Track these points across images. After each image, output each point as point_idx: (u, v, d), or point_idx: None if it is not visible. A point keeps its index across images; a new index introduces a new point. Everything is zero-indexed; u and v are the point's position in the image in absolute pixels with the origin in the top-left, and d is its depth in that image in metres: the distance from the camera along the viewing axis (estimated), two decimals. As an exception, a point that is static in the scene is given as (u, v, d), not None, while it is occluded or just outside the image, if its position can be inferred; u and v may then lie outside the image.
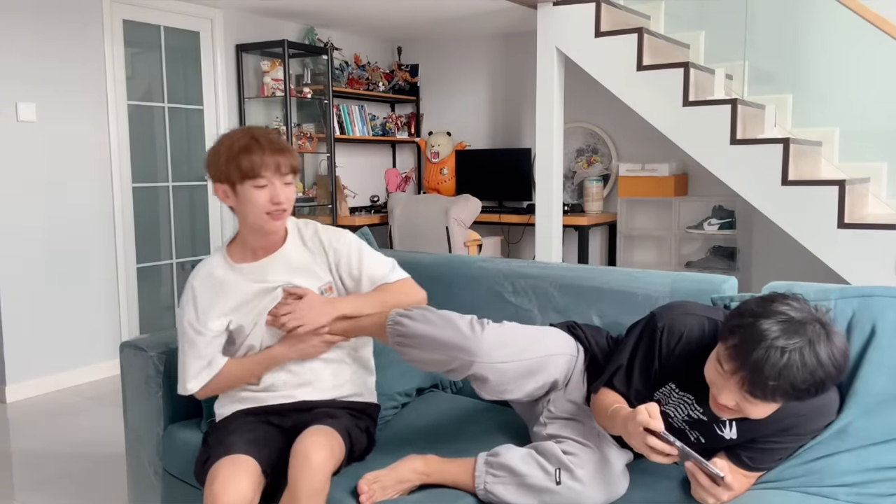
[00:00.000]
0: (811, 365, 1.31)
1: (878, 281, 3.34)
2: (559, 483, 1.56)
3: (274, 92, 4.95)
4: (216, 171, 1.79)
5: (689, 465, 1.44)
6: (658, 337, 1.62)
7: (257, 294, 1.85)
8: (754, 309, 1.38)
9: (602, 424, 1.65)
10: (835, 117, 4.30)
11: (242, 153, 1.74)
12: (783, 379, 1.31)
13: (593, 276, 2.12)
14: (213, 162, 1.79)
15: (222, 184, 1.79)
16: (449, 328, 1.64)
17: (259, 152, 1.74)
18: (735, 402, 1.42)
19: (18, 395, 3.89)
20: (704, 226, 4.78)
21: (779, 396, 1.36)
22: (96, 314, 4.25)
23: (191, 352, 1.85)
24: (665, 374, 1.62)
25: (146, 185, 4.53)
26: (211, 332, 1.84)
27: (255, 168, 1.74)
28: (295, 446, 1.67)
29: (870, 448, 1.57)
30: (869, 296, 1.67)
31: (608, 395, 1.66)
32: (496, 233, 5.72)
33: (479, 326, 1.65)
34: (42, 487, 2.83)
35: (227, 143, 1.77)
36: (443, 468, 1.71)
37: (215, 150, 1.79)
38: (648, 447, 1.42)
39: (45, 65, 3.93)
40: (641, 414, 1.44)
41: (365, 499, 1.65)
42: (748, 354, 1.33)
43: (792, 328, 1.32)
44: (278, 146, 1.77)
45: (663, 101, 3.91)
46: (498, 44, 5.77)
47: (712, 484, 1.42)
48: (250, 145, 1.74)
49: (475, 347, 1.60)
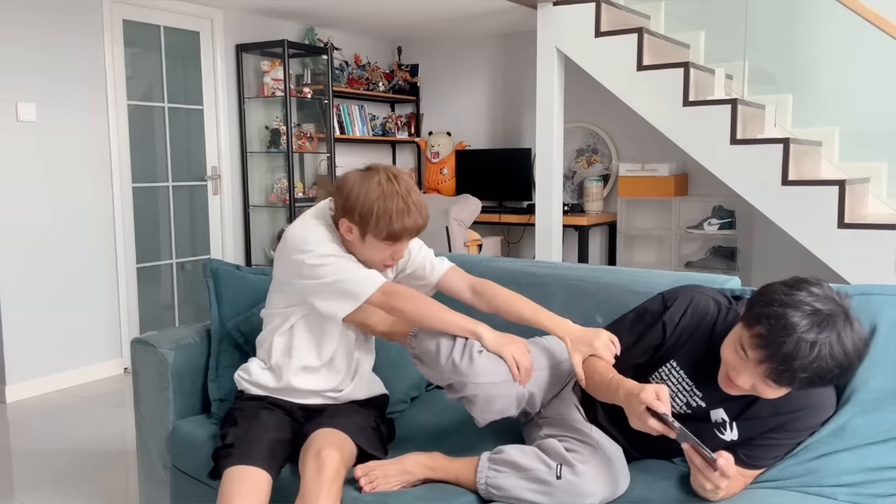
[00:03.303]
0: (839, 356, 1.35)
1: (877, 280, 3.34)
2: (559, 477, 1.57)
3: (274, 92, 4.95)
4: (356, 215, 1.71)
5: (686, 446, 1.45)
6: (663, 309, 1.65)
7: None
8: (781, 298, 1.38)
9: (594, 390, 1.66)
10: (835, 117, 4.30)
11: (397, 217, 1.69)
12: (812, 370, 1.35)
13: (596, 276, 2.13)
14: (355, 205, 1.70)
15: (354, 224, 1.73)
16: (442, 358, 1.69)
17: (411, 221, 1.71)
18: (752, 385, 1.45)
19: (18, 395, 3.89)
20: (704, 226, 4.78)
21: (804, 385, 1.39)
22: (96, 314, 4.25)
23: (348, 266, 1.73)
24: (667, 349, 1.64)
25: (146, 185, 4.53)
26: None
27: (401, 235, 1.72)
28: (307, 452, 1.69)
29: (869, 447, 1.57)
30: (868, 294, 1.68)
31: (602, 363, 1.66)
32: (496, 233, 5.72)
33: (468, 358, 1.67)
34: (42, 487, 2.83)
35: (380, 195, 1.69)
36: (447, 465, 1.72)
37: (362, 195, 1.70)
38: (647, 426, 1.44)
39: (45, 64, 3.93)
40: (648, 393, 1.44)
41: (364, 482, 1.67)
42: (778, 346, 1.35)
43: (820, 320, 1.35)
44: (426, 215, 1.73)
45: (663, 101, 3.91)
46: (498, 44, 5.77)
47: (707, 466, 1.43)
48: (406, 211, 1.70)
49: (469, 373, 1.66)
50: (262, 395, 1.92)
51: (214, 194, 4.92)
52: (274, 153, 5.12)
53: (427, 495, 1.66)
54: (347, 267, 1.73)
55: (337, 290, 1.72)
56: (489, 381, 1.65)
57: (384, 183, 1.70)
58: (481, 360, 1.66)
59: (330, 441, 1.70)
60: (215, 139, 4.88)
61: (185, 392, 2.15)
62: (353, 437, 1.77)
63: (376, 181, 1.70)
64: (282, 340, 1.88)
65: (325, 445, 1.68)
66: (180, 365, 2.13)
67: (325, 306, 1.74)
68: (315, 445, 1.69)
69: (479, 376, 1.65)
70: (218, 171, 4.90)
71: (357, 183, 1.72)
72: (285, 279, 1.81)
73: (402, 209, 1.69)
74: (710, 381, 1.58)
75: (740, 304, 1.65)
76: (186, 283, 4.83)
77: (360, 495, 1.67)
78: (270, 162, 5.23)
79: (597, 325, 2.06)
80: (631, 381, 1.53)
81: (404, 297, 1.71)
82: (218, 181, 4.91)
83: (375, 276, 1.74)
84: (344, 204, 1.73)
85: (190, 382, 2.16)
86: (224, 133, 4.88)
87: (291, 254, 1.75)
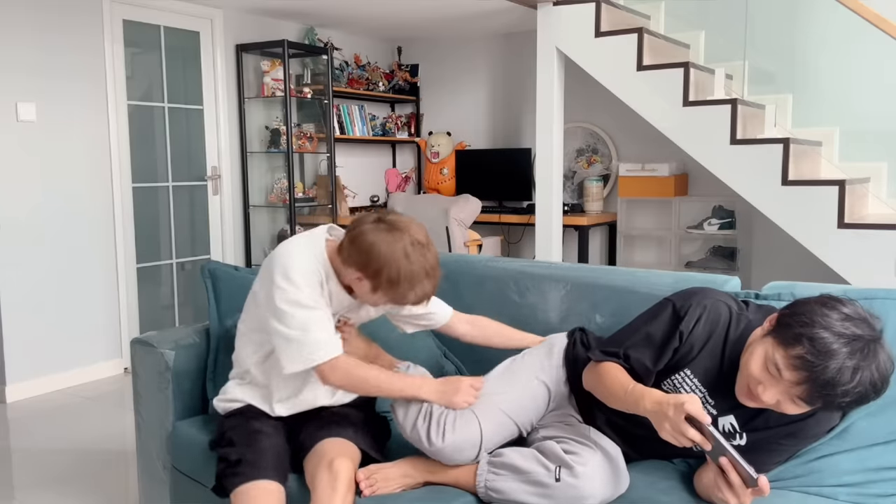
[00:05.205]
0: (877, 382, 1.37)
1: (878, 281, 3.34)
2: (558, 480, 1.57)
3: (274, 92, 4.95)
4: (370, 273, 1.66)
5: (724, 461, 1.41)
6: (677, 319, 1.61)
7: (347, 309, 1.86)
8: (819, 319, 1.38)
9: (607, 396, 1.61)
10: (835, 117, 4.30)
11: (418, 289, 1.67)
12: (853, 395, 1.36)
13: (596, 276, 2.13)
14: (377, 268, 1.65)
15: (368, 280, 1.68)
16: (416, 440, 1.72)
17: (427, 290, 1.68)
18: (777, 402, 1.43)
19: (18, 395, 3.89)
20: (704, 226, 4.78)
21: (841, 408, 1.40)
22: (96, 314, 4.25)
23: (313, 324, 1.70)
24: (681, 358, 1.61)
25: (146, 185, 4.53)
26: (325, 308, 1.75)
27: (413, 301, 1.69)
28: (319, 463, 1.68)
29: (871, 448, 1.57)
30: (872, 298, 1.67)
31: (617, 369, 1.62)
32: (496, 233, 5.72)
33: (440, 436, 1.67)
34: (42, 487, 2.83)
35: (406, 267, 1.64)
36: (447, 467, 1.72)
37: (385, 259, 1.64)
38: (685, 437, 1.40)
39: (45, 64, 3.93)
40: (695, 403, 1.39)
41: (365, 486, 1.67)
42: (820, 371, 1.35)
43: (861, 346, 1.36)
44: (437, 282, 1.70)
45: (663, 101, 3.91)
46: (498, 44, 5.77)
47: (742, 485, 1.41)
48: (428, 284, 1.67)
49: (439, 455, 1.69)
50: (246, 405, 1.88)
51: (214, 194, 4.92)
52: (274, 153, 5.12)
53: (426, 496, 1.66)
54: (312, 324, 1.68)
55: (294, 345, 1.68)
56: (456, 456, 1.68)
57: (411, 253, 1.64)
58: (454, 439, 1.66)
59: (340, 451, 1.70)
60: (215, 139, 4.87)
61: (185, 392, 2.15)
62: (356, 443, 1.77)
63: (402, 249, 1.64)
64: (259, 373, 1.87)
65: (336, 455, 1.67)
66: (180, 365, 2.13)
67: (280, 354, 1.72)
68: (327, 456, 1.68)
69: (445, 455, 1.68)
70: (218, 171, 4.90)
71: (381, 243, 1.64)
72: (261, 294, 1.77)
73: (422, 283, 1.66)
74: (722, 388, 1.57)
75: (751, 309, 1.64)
76: (186, 283, 4.83)
77: (359, 499, 1.66)
78: (270, 162, 5.23)
79: (596, 325, 2.06)
80: (658, 391, 1.49)
81: (347, 375, 1.70)
82: (218, 181, 4.91)
83: (331, 345, 1.69)
84: (362, 260, 1.66)
85: (190, 382, 2.16)
86: (224, 133, 4.88)
87: (273, 274, 1.70)
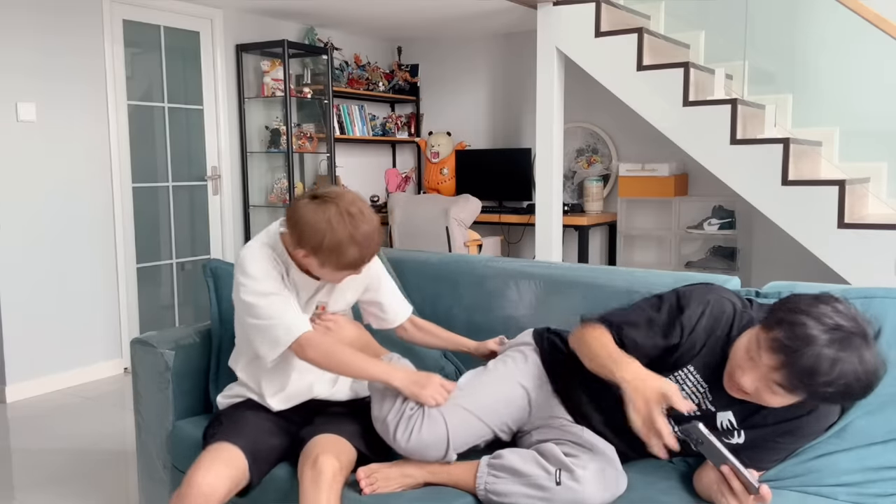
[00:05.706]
0: (863, 376, 1.34)
1: (877, 280, 3.34)
2: (559, 483, 1.57)
3: (274, 92, 4.95)
4: (308, 248, 1.71)
5: (726, 469, 1.42)
6: (679, 310, 1.61)
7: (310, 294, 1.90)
8: (804, 307, 1.38)
9: (588, 356, 1.62)
10: (835, 117, 4.30)
11: (340, 250, 1.70)
12: (837, 387, 1.34)
13: (596, 276, 2.13)
14: (309, 240, 1.70)
15: (310, 255, 1.73)
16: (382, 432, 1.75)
17: (353, 257, 1.71)
18: (755, 389, 1.42)
19: (18, 395, 3.89)
20: (704, 226, 4.78)
21: (827, 401, 1.38)
22: (96, 314, 4.25)
23: (279, 309, 1.76)
24: (683, 354, 1.61)
25: (146, 185, 4.53)
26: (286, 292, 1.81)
27: (355, 266, 1.74)
28: (305, 459, 1.69)
29: (870, 448, 1.57)
30: (870, 297, 1.67)
31: (608, 337, 1.62)
32: (496, 233, 5.72)
33: (406, 435, 1.68)
34: (42, 487, 2.83)
35: (325, 227, 1.69)
36: (446, 468, 1.72)
37: (310, 225, 1.70)
38: (655, 427, 1.39)
39: (46, 64, 3.93)
40: (672, 387, 1.37)
41: (364, 484, 1.68)
42: (796, 357, 1.34)
43: (841, 337, 1.34)
44: (376, 244, 1.74)
45: (663, 101, 3.91)
46: (498, 44, 5.77)
47: (744, 492, 1.41)
48: (351, 248, 1.70)
49: (404, 453, 1.71)
50: (246, 399, 1.94)
51: (214, 194, 4.92)
52: (274, 153, 5.12)
53: (426, 496, 1.66)
54: (276, 308, 1.75)
55: (265, 334, 1.76)
56: (422, 454, 1.69)
57: (334, 220, 1.69)
58: (419, 440, 1.67)
59: (328, 447, 1.70)
60: (215, 139, 4.88)
61: (185, 392, 2.15)
62: (352, 441, 1.77)
63: (326, 218, 1.69)
64: (248, 377, 1.93)
65: (322, 452, 1.68)
66: (180, 365, 2.14)
67: (257, 347, 1.79)
68: (313, 452, 1.69)
69: (409, 453, 1.69)
70: (218, 171, 4.90)
71: (308, 214, 1.71)
72: (234, 298, 1.85)
73: (348, 249, 1.69)
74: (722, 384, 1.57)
75: (754, 308, 1.64)
76: (186, 283, 4.83)
77: (360, 497, 1.67)
78: (270, 162, 5.23)
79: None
80: (642, 367, 1.47)
81: (318, 349, 1.74)
82: (218, 181, 4.91)
83: (298, 324, 1.75)
84: (298, 235, 1.73)
85: (190, 382, 2.17)
86: (224, 133, 4.88)
87: (236, 274, 1.80)
